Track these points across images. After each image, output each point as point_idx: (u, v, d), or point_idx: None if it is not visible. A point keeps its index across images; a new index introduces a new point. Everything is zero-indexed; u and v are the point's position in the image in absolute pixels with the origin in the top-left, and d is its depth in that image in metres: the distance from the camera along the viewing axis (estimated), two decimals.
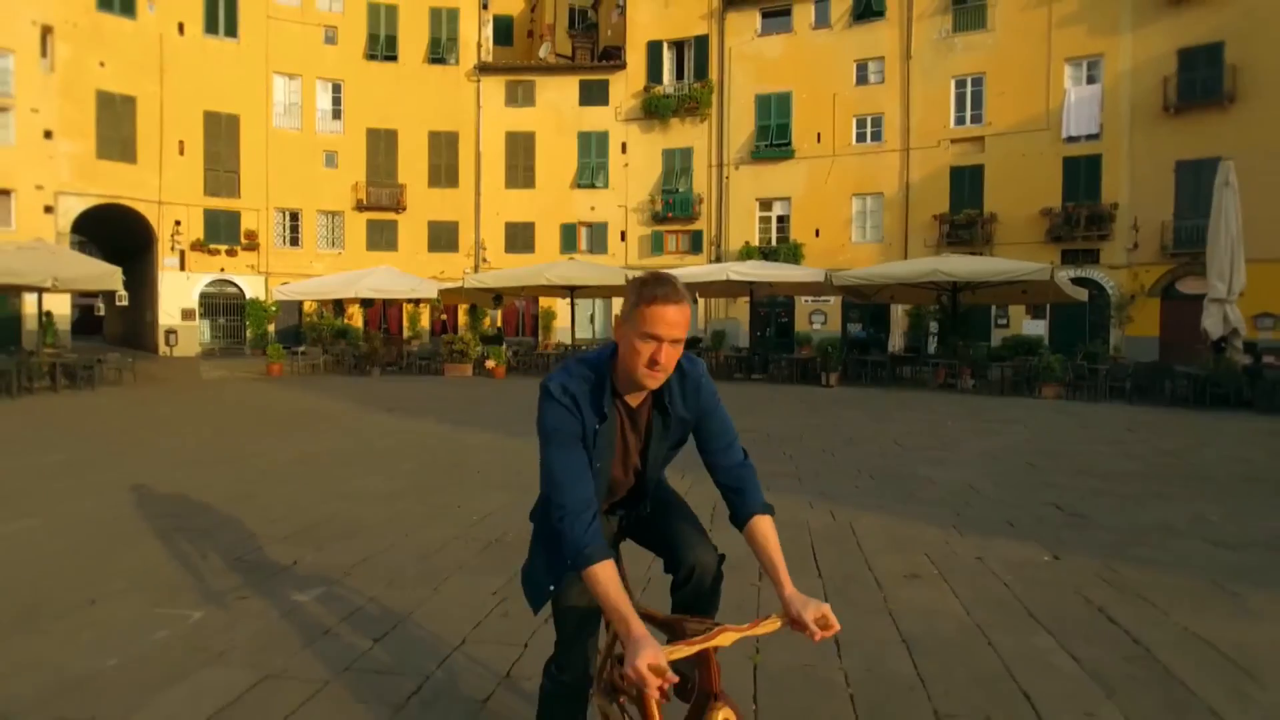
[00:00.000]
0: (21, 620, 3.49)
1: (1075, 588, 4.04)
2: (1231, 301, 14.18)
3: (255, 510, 5.57)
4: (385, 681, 2.92)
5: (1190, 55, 21.08)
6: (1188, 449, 9.08)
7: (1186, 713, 2.73)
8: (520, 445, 8.74)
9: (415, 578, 4.14)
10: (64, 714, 2.65)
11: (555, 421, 1.72)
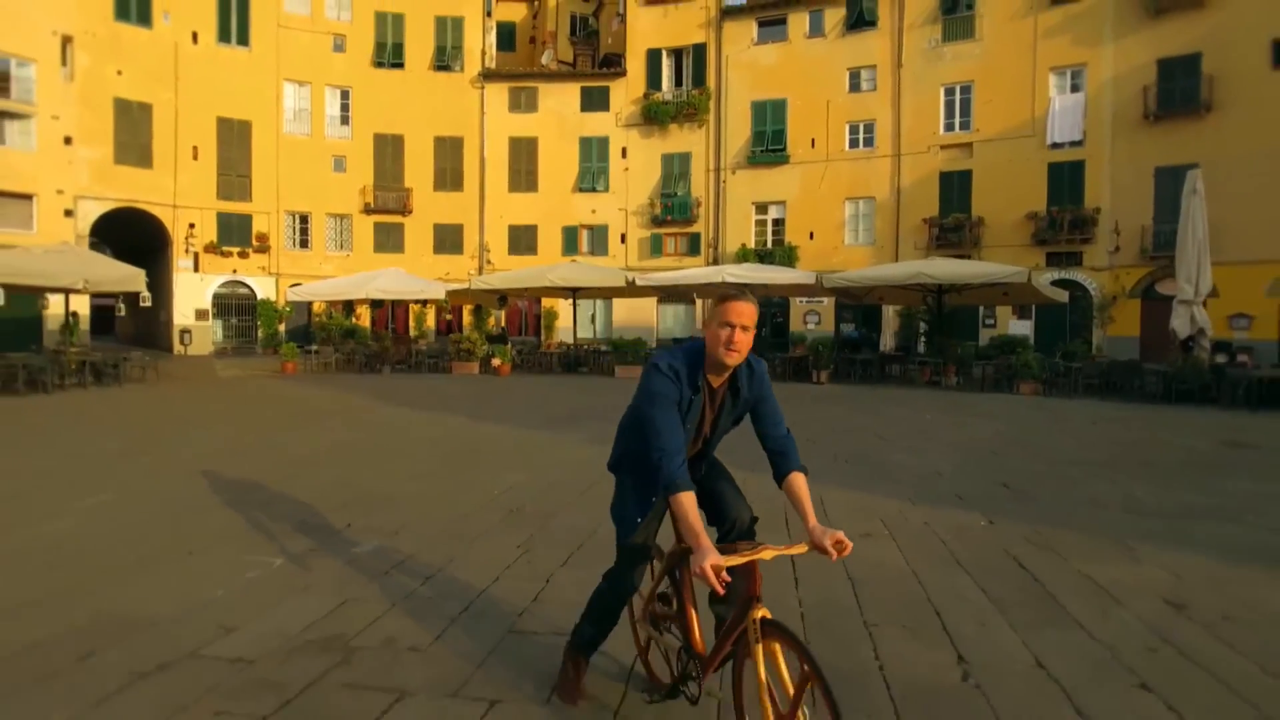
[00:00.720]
0: (140, 566, 4.30)
1: (1001, 545, 4.86)
2: (1198, 303, 14.98)
3: (303, 488, 6.38)
4: (438, 605, 3.74)
5: (1169, 65, 21.90)
6: (1141, 440, 9.89)
7: (1056, 622, 3.55)
8: (530, 435, 9.56)
9: (451, 536, 4.95)
10: (200, 624, 3.47)
11: (662, 388, 2.31)
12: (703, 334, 2.42)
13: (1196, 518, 5.66)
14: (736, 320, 2.29)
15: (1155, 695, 2.87)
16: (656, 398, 2.31)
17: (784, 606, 3.72)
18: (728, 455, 2.82)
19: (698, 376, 2.37)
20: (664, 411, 2.29)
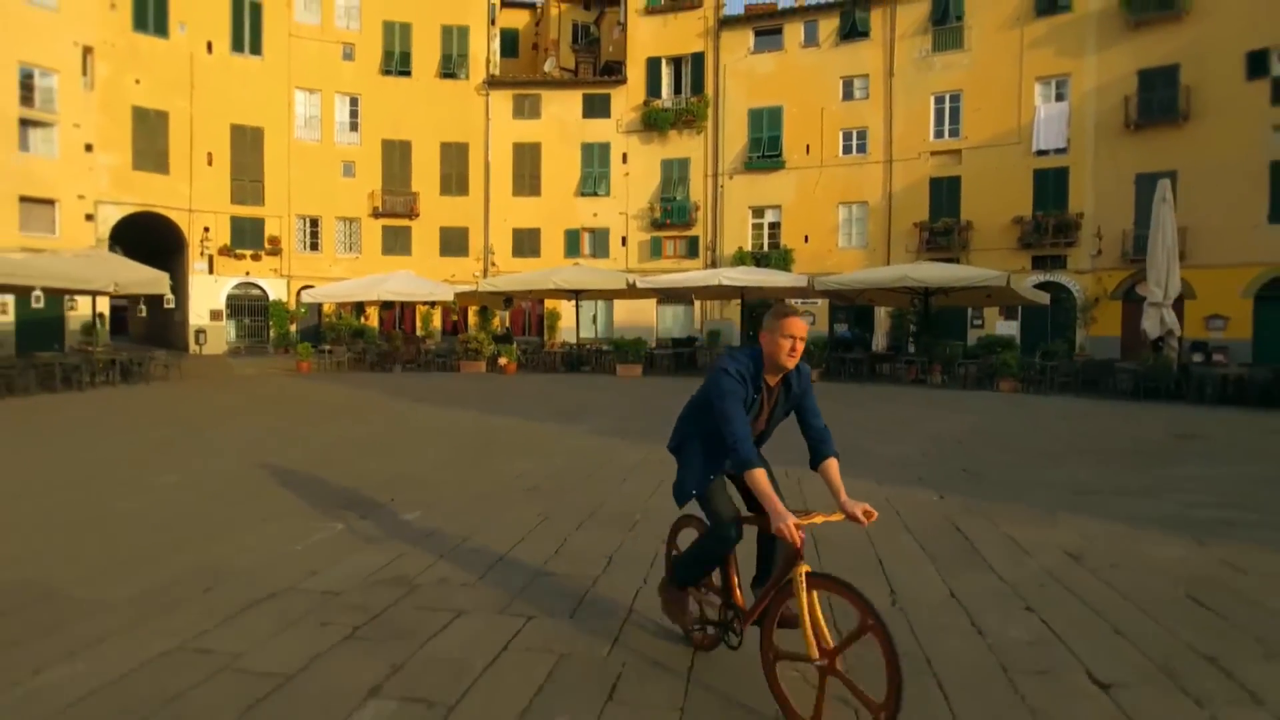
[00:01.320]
0: (225, 530, 5.18)
1: (946, 515, 5.73)
2: (1167, 305, 15.84)
3: (341, 472, 7.25)
4: (477, 557, 4.61)
5: (1149, 76, 22.76)
6: (1100, 432, 10.77)
7: (973, 568, 4.42)
8: (539, 427, 10.44)
9: (480, 508, 5.83)
10: (289, 569, 4.34)
11: (731, 387, 2.79)
12: (756, 342, 2.99)
13: (1122, 495, 6.54)
14: (797, 333, 2.84)
15: (1035, 614, 3.74)
16: (727, 395, 2.79)
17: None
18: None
19: (759, 378, 2.89)
20: (734, 406, 2.78)
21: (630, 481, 6.86)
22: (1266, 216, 21.09)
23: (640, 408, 13.22)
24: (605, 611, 3.75)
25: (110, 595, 3.90)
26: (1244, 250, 21.29)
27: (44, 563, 4.44)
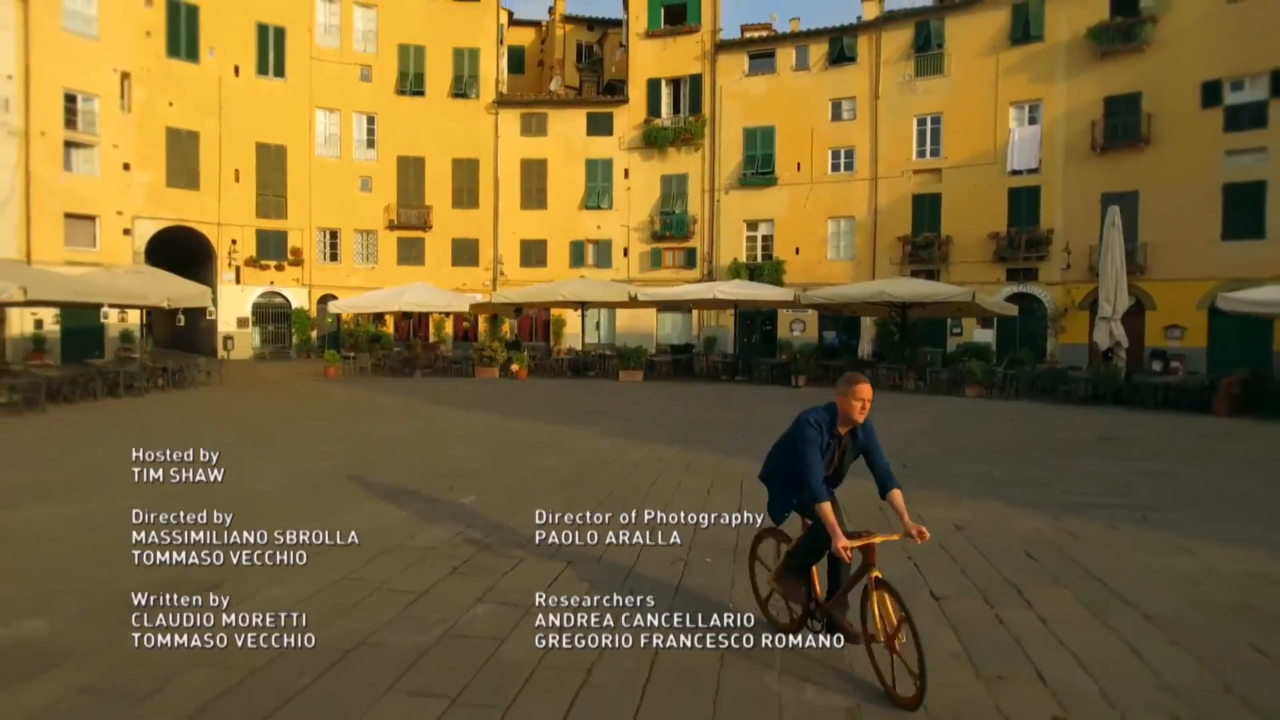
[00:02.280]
0: (338, 508, 6.94)
1: (872, 499, 7.46)
2: (1116, 320, 17.58)
3: (400, 465, 9.01)
4: (525, 526, 6.37)
5: (1114, 102, 24.50)
6: (1036, 433, 12.52)
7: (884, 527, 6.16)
8: (554, 429, 12.19)
9: (518, 494, 7.58)
10: (393, 534, 6.10)
11: (812, 435, 3.62)
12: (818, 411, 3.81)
13: (1023, 485, 8.29)
14: (865, 396, 3.66)
15: (911, 561, 5.50)
16: (808, 441, 3.65)
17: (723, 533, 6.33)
18: None
19: (834, 428, 3.72)
20: (812, 451, 3.65)
21: (634, 475, 8.61)
22: (1219, 234, 22.82)
23: (642, 412, 14.97)
24: (619, 565, 5.51)
25: (322, 534, 5.64)
26: (1199, 265, 23.03)
27: (272, 519, 6.19)
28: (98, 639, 4.09)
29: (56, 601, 4.66)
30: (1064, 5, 25.21)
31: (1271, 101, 21.99)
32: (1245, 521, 6.82)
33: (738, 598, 4.56)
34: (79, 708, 3.41)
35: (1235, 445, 11.70)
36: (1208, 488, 8.40)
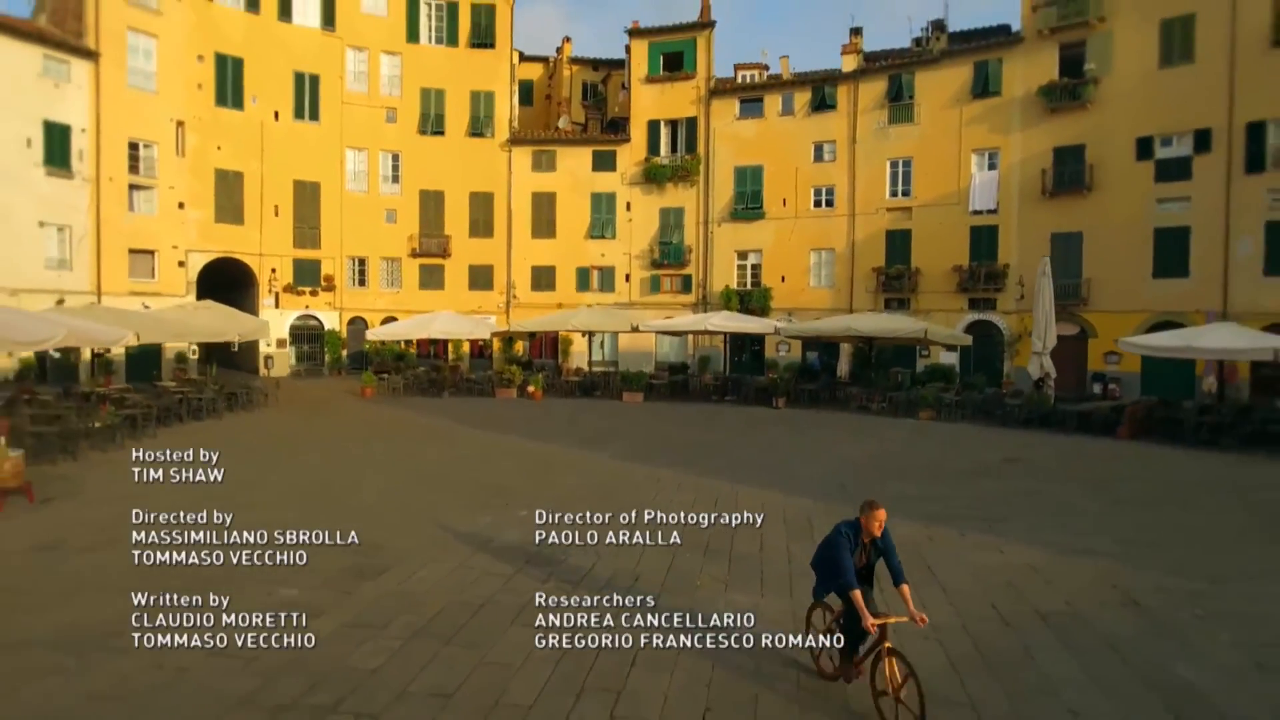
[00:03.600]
0: (426, 518, 10.02)
1: (807, 514, 10.55)
2: (1045, 354, 20.66)
3: (458, 483, 12.07)
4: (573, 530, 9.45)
5: (1061, 153, 27.56)
6: (959, 455, 15.60)
7: (799, 538, 9.25)
8: (574, 452, 15.26)
9: (560, 506, 10.66)
10: (480, 536, 9.19)
11: (841, 541, 5.17)
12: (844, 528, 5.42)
13: (924, 501, 11.36)
14: (881, 519, 5.26)
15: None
16: (840, 547, 5.21)
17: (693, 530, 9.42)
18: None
19: (859, 537, 5.30)
20: (843, 552, 5.19)
21: (641, 492, 11.68)
22: (1151, 272, 25.90)
23: (644, 435, 18.04)
24: (626, 564, 8.58)
25: (403, 545, 8.73)
26: (1134, 299, 26.12)
27: (381, 526, 9.27)
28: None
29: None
30: (1019, 65, 28.31)
31: (1195, 157, 25.07)
32: (1061, 531, 9.91)
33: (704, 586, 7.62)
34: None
35: (1112, 467, 14.78)
36: (1058, 504, 11.49)
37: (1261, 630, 6.64)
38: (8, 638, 6.20)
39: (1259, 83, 23.78)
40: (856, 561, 5.28)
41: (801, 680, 5.74)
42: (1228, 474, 13.94)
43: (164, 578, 6.12)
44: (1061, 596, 7.42)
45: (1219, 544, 9.49)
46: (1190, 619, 6.88)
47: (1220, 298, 24.53)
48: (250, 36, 30.96)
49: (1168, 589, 7.64)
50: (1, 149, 23.97)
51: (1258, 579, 8.07)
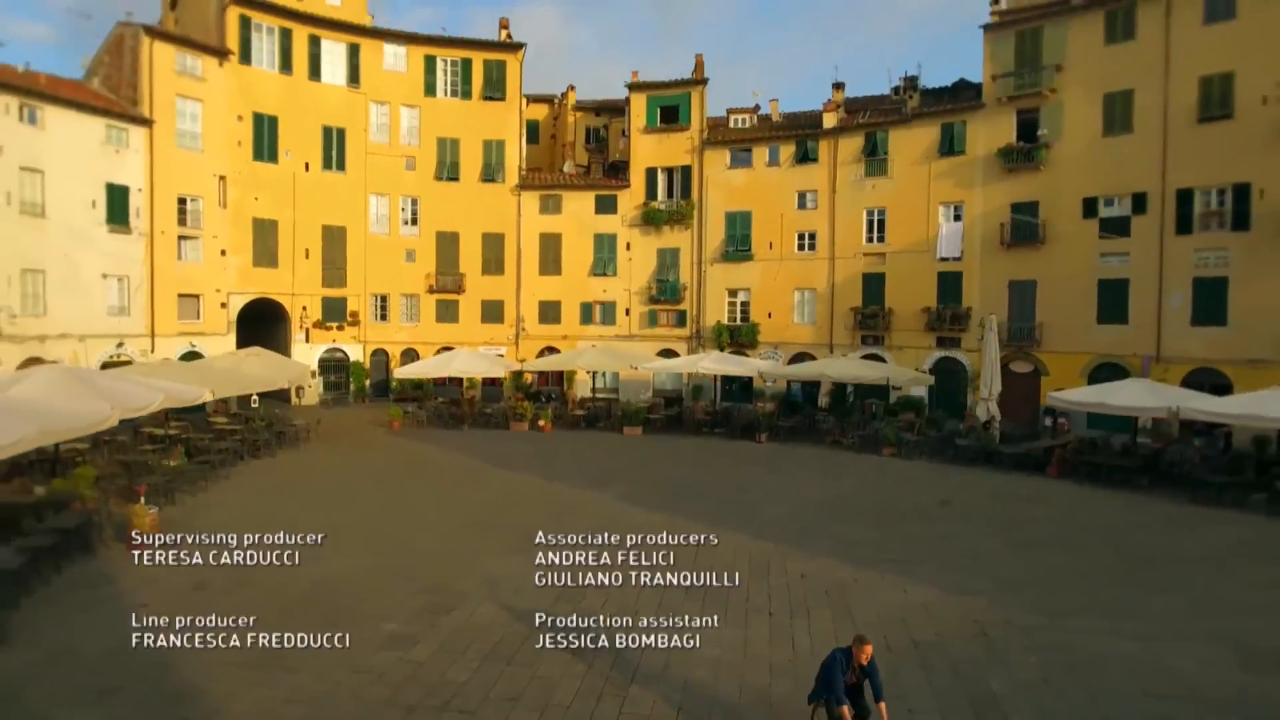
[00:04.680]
0: (476, 555, 13.09)
1: (767, 557, 13.59)
2: (991, 400, 23.71)
3: (493, 528, 15.09)
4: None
5: (1018, 208, 30.61)
6: (902, 496, 18.62)
7: (760, 575, 12.31)
8: (587, 495, 18.26)
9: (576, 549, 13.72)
10: (514, 572, 12.25)
11: (834, 665, 7.04)
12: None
13: (862, 545, 14.40)
14: (868, 653, 7.02)
15: (764, 594, 11.62)
16: (833, 669, 6.97)
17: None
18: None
19: (850, 661, 7.03)
20: (835, 674, 6.94)
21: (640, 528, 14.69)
22: (1095, 319, 28.96)
23: (642, 475, 21.03)
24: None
25: (462, 587, 11.77)
26: (1081, 342, 29.18)
27: (442, 568, 12.34)
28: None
29: None
30: (981, 128, 31.38)
31: (1133, 217, 28.14)
32: (959, 573, 12.95)
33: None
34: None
35: (1026, 509, 17.81)
36: (967, 547, 14.54)
37: (1061, 654, 9.69)
38: (217, 659, 9.26)
39: (1188, 154, 26.86)
40: (848, 680, 7.13)
41: None
42: (1119, 516, 17.02)
43: (295, 616, 9.18)
44: (935, 629, 10.48)
45: (1075, 584, 12.54)
46: (1019, 647, 9.94)
47: (1154, 344, 27.62)
48: (284, 96, 34.02)
49: (1015, 623, 10.70)
50: (72, 211, 27.00)
51: (1086, 615, 11.11)
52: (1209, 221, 26.50)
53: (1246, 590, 12.23)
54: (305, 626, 10.05)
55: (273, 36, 33.69)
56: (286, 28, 33.96)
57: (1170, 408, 18.62)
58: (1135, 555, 14.17)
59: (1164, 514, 17.25)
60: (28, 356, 25.34)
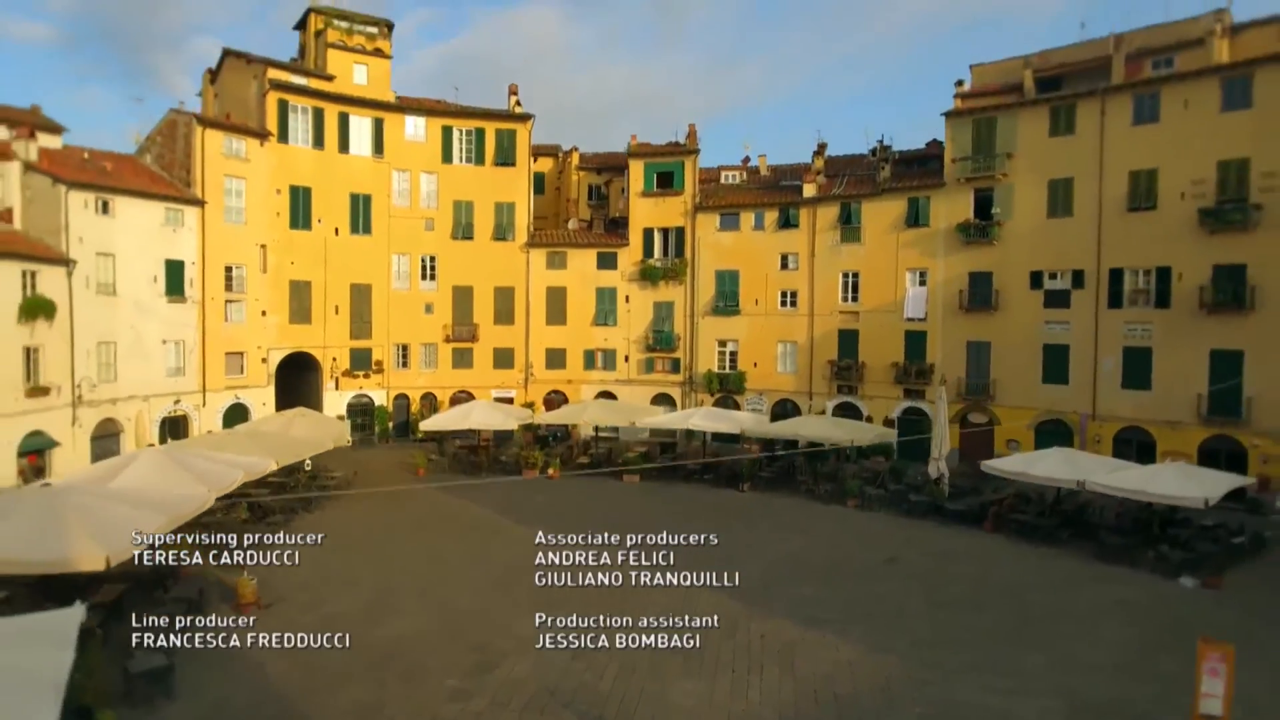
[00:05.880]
0: (508, 615, 16.80)
1: (732, 616, 17.27)
2: (941, 459, 27.37)
3: (519, 589, 18.76)
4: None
5: (975, 277, 34.35)
6: (857, 553, 22.26)
7: (728, 636, 16.00)
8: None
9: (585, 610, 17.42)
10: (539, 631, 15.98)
11: None
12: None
13: (812, 604, 18.06)
14: None
15: (726, 653, 15.32)
16: None
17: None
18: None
19: None
20: None
21: (633, 599, 18.36)
22: (1040, 379, 32.70)
23: (638, 524, 24.66)
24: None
25: (501, 646, 15.47)
26: (1028, 398, 32.92)
27: (483, 629, 16.03)
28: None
29: None
30: (943, 204, 35.12)
31: (1073, 291, 31.90)
32: (884, 632, 16.61)
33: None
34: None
35: (957, 567, 21.45)
36: (896, 607, 18.21)
37: (941, 706, 13.38)
38: (331, 705, 12.92)
39: (1119, 238, 30.63)
40: None
41: None
42: (1030, 575, 20.70)
43: (380, 670, 12.89)
44: (854, 684, 14.18)
45: (971, 643, 16.22)
46: (910, 699, 13.63)
47: (1090, 403, 31.38)
48: (317, 169, 37.74)
49: (915, 678, 14.39)
50: (137, 286, 30.69)
51: (971, 671, 14.79)
52: (1136, 298, 30.27)
53: (1100, 649, 15.89)
54: (390, 681, 13.82)
55: (307, 116, 37.41)
56: (319, 107, 37.70)
57: (1079, 481, 22.30)
58: (1030, 613, 17.86)
59: (1068, 572, 20.95)
60: (102, 418, 29.14)
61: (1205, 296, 28.31)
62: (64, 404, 27.50)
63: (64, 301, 27.32)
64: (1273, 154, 27.05)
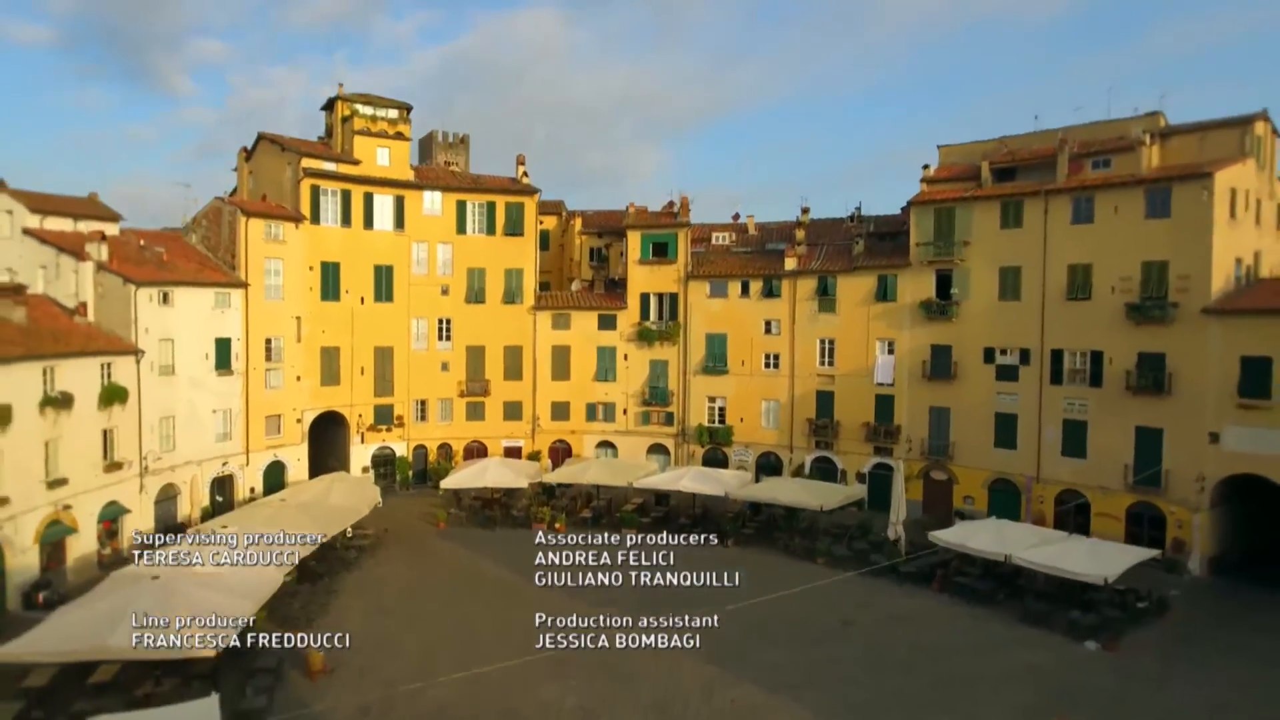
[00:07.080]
0: (534, 678, 20.83)
1: (708, 682, 21.27)
2: (898, 524, 31.37)
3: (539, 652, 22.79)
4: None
5: (936, 349, 38.36)
6: (823, 612, 26.24)
7: (704, 687, 20.02)
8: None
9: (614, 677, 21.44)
10: (556, 697, 20.01)
11: None
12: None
13: (772, 668, 22.07)
14: None
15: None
16: None
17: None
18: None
19: None
20: None
21: (627, 661, 22.35)
22: (993, 443, 36.74)
23: (635, 592, 28.74)
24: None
25: (536, 703, 19.50)
26: (983, 460, 36.97)
27: (511, 694, 20.07)
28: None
29: None
30: (909, 283, 39.14)
31: (1020, 367, 35.93)
32: (830, 695, 20.59)
33: None
34: None
35: (903, 630, 25.40)
36: (844, 672, 22.19)
37: None
38: None
39: (1059, 322, 34.65)
40: None
41: None
42: (960, 637, 24.70)
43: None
44: None
45: (895, 706, 20.18)
46: None
47: (1035, 467, 35.43)
48: (345, 245, 41.76)
49: None
50: (192, 364, 34.68)
51: None
52: (1074, 376, 34.30)
53: (998, 714, 19.90)
54: None
55: (336, 197, 41.45)
56: (347, 189, 41.73)
57: (1005, 555, 26.33)
58: (951, 677, 21.88)
59: (994, 635, 24.97)
60: (164, 484, 33.17)
61: (1131, 380, 32.30)
62: (133, 475, 31.52)
63: (134, 386, 31.32)
64: (1187, 258, 31.04)
